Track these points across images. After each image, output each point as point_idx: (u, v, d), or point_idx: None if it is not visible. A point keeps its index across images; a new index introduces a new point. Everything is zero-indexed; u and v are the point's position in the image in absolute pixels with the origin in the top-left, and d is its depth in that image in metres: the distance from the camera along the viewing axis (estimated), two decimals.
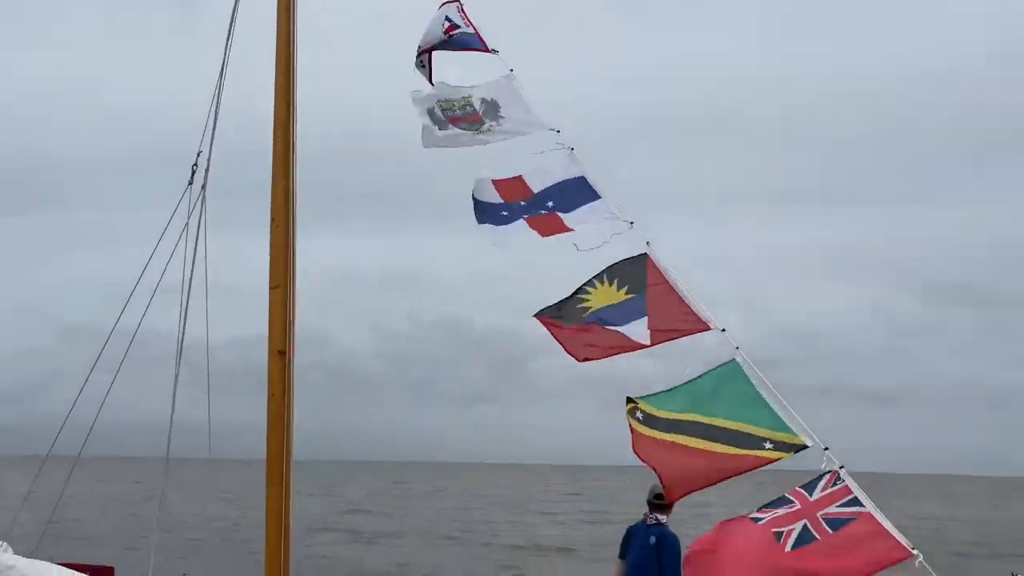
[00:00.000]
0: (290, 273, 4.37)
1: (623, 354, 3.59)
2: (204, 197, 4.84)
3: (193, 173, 4.84)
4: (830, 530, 2.79)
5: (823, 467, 2.96)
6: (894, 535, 2.69)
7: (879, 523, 2.73)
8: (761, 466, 3.05)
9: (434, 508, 38.50)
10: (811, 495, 2.91)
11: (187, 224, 4.79)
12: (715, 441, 3.18)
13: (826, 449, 2.94)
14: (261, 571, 4.16)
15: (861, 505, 2.80)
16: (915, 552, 2.62)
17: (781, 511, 2.92)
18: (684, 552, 3.17)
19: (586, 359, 3.68)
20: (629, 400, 3.44)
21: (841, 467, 2.91)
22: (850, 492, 2.84)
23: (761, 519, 2.94)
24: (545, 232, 4.15)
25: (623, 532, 6.59)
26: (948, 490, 72.57)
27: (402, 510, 36.47)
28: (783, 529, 2.85)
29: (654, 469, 3.20)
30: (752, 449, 3.08)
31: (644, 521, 6.33)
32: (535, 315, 3.88)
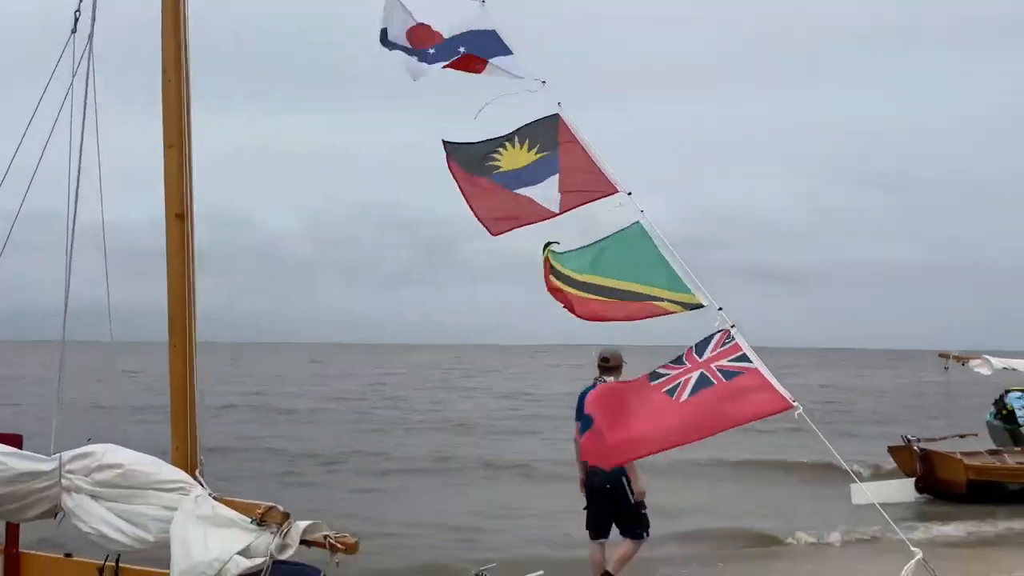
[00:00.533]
0: (185, 132, 4.15)
1: (535, 224, 3.59)
2: (91, 48, 4.46)
3: (76, 20, 4.45)
4: (724, 379, 2.95)
5: (716, 326, 3.09)
6: (777, 388, 2.86)
7: (765, 377, 2.90)
8: (659, 315, 3.19)
9: (342, 386, 38.97)
10: (702, 355, 3.05)
11: (73, 80, 4.43)
12: (623, 300, 3.30)
13: (720, 309, 3.06)
14: (167, 438, 4.12)
15: (749, 361, 2.97)
16: (795, 404, 2.80)
17: (676, 370, 3.06)
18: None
19: (499, 232, 3.67)
20: (546, 246, 3.53)
21: (732, 326, 3.04)
22: (740, 349, 3.00)
23: (661, 375, 3.08)
24: (458, 67, 4.02)
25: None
26: (848, 361, 78.10)
27: (314, 387, 36.83)
28: (678, 382, 3.00)
29: (567, 308, 3.37)
30: (651, 304, 3.21)
31: (594, 385, 6.65)
32: (445, 150, 3.81)
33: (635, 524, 7.06)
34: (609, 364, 6.96)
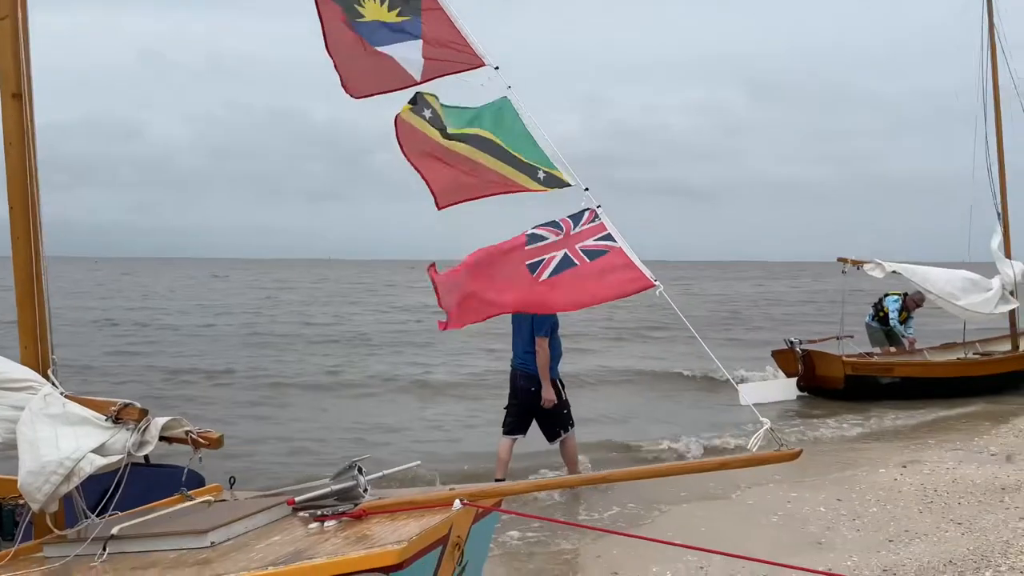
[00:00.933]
0: (19, 1, 3.74)
1: (396, 91, 3.40)
2: None
3: None
4: (587, 260, 2.93)
5: (582, 205, 3.05)
6: (640, 267, 2.86)
7: (628, 257, 2.89)
8: (525, 192, 3.12)
9: (239, 300, 38.05)
10: (575, 227, 3.02)
11: None
12: (499, 159, 3.20)
13: (586, 190, 3.02)
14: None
15: (614, 241, 2.94)
16: (657, 283, 2.81)
17: (549, 238, 3.01)
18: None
19: (360, 96, 3.47)
20: (419, 96, 3.35)
21: (599, 206, 3.00)
22: (605, 229, 2.97)
23: (538, 238, 3.03)
24: None
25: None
26: (749, 274, 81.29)
27: (209, 302, 35.82)
28: (542, 258, 2.96)
29: (420, 173, 3.23)
30: (527, 175, 3.13)
31: None
32: None
33: (554, 424, 7.46)
34: None
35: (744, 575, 5.27)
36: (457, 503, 2.87)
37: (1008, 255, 13.82)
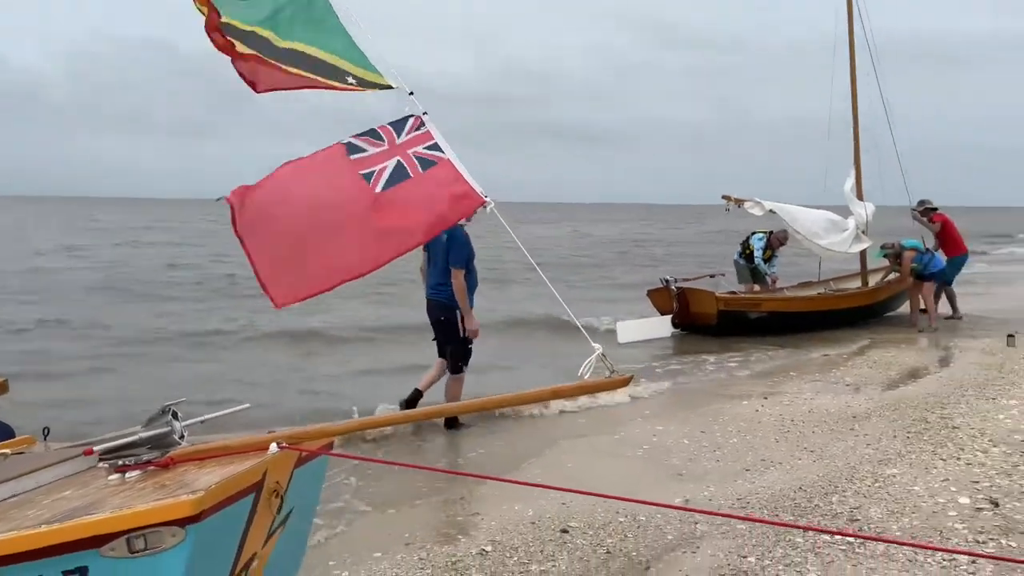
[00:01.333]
0: None
1: None
2: None
3: None
4: (421, 169, 2.66)
5: (406, 111, 2.77)
6: (470, 182, 2.62)
7: (457, 170, 2.64)
8: (339, 90, 2.81)
9: (100, 241, 35.98)
10: (399, 136, 2.73)
11: None
12: (295, 65, 2.85)
13: (411, 94, 2.74)
14: None
15: (442, 152, 2.68)
16: (488, 199, 2.59)
17: (374, 148, 2.71)
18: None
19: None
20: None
21: (424, 113, 2.73)
22: (432, 138, 2.71)
23: (358, 149, 2.72)
24: None
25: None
26: (637, 216, 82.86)
27: (67, 245, 33.66)
28: (374, 168, 2.67)
29: (243, 77, 2.88)
30: (333, 79, 2.80)
31: None
32: None
33: (459, 357, 7.45)
34: None
35: (606, 507, 5.27)
36: (273, 446, 2.61)
37: (860, 197, 14.55)
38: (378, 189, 2.58)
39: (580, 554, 4.54)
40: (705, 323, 12.82)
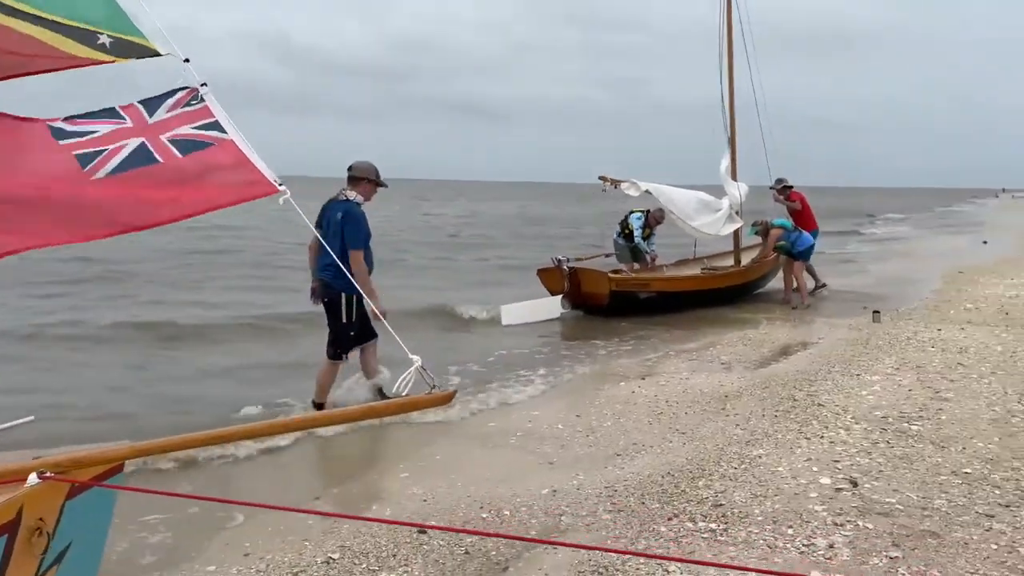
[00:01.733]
0: None
1: None
2: None
3: None
4: (178, 153, 2.24)
5: (179, 83, 2.36)
6: (260, 169, 2.25)
7: (243, 153, 2.25)
8: (96, 64, 2.35)
9: None
10: (151, 115, 2.30)
11: None
12: (37, 24, 2.38)
13: (187, 61, 2.33)
14: None
15: (224, 132, 2.28)
16: (282, 188, 2.24)
17: (102, 129, 2.28)
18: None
19: None
20: None
21: (203, 84, 2.33)
22: (211, 115, 2.29)
23: (70, 134, 2.28)
24: None
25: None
26: (532, 194, 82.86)
27: None
28: (101, 149, 2.22)
29: None
30: (84, 43, 2.34)
31: (337, 198, 6.77)
32: None
33: (336, 344, 7.06)
34: (354, 174, 6.97)
35: (469, 503, 5.04)
36: (33, 477, 2.20)
37: (734, 178, 14.91)
38: (98, 175, 2.15)
39: (436, 556, 4.29)
40: (597, 303, 12.74)
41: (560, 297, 12.88)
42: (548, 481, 5.44)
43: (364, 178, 7.08)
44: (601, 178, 13.36)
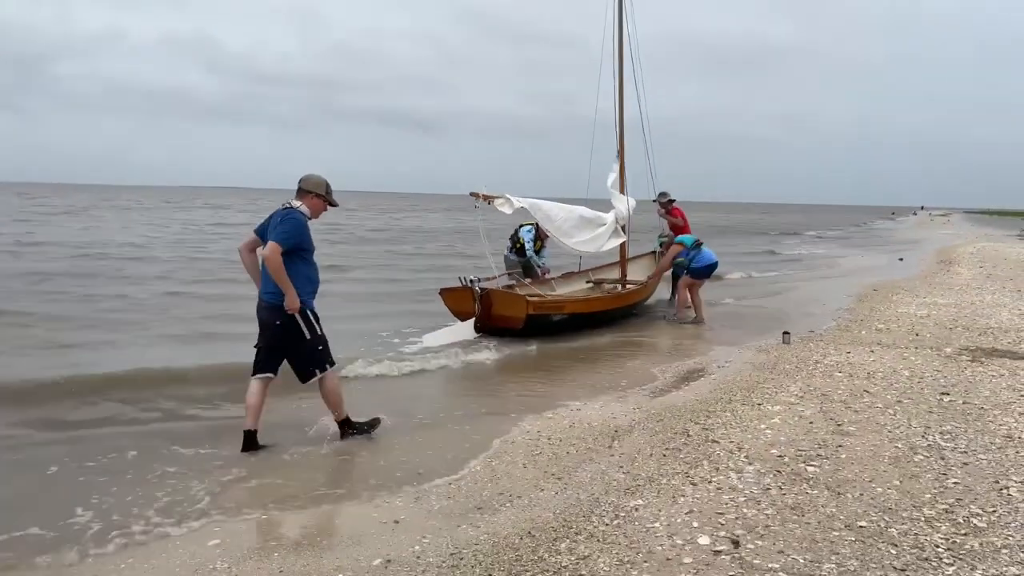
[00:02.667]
0: None
1: None
2: None
3: None
4: None
5: None
6: None
7: None
8: None
9: None
10: None
11: None
12: None
13: None
14: None
15: None
16: None
17: None
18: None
19: None
20: None
21: None
22: None
23: None
24: None
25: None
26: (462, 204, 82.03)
27: None
28: None
29: None
30: None
31: (283, 207, 6.41)
32: None
33: (307, 362, 6.51)
34: (301, 186, 6.51)
35: None
36: None
37: (622, 191, 14.57)
38: None
39: None
40: (510, 326, 11.84)
41: (472, 321, 12.03)
42: (386, 547, 4.61)
43: (313, 192, 6.50)
44: (472, 194, 12.44)
